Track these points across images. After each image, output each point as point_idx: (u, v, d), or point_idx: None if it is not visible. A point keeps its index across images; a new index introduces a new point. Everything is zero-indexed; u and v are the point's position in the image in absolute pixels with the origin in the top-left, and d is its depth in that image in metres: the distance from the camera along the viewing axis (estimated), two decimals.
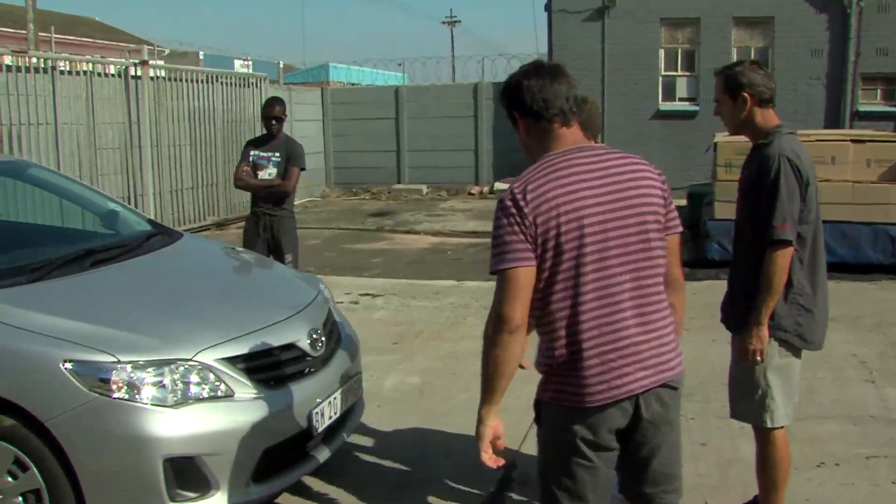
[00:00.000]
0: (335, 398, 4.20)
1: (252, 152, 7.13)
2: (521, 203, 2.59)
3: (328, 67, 33.27)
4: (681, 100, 17.93)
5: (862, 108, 16.63)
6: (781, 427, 3.81)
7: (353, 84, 27.42)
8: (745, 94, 3.73)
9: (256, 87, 16.77)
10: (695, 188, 13.64)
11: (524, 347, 2.73)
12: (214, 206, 15.36)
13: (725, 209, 9.87)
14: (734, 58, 17.37)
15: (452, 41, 57.55)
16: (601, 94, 18.00)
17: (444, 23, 56.20)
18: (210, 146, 15.21)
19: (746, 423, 3.93)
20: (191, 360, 3.63)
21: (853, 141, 9.92)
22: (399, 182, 20.50)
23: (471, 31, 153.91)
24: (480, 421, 2.82)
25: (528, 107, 2.74)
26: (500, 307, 2.66)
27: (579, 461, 2.73)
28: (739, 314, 3.77)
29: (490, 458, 2.86)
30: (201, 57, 35.65)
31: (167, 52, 34.46)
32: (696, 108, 17.57)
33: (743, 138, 3.88)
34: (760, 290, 3.62)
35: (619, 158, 2.77)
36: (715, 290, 5.18)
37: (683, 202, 14.44)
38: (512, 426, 5.38)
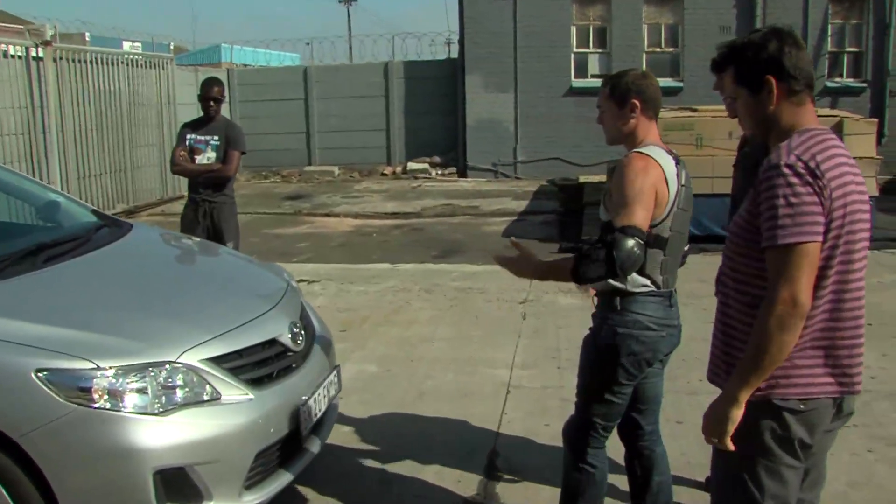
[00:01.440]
0: (319, 394, 3.95)
1: (189, 135, 6.76)
2: (818, 171, 2.32)
3: (221, 48, 32.42)
4: (593, 76, 17.94)
5: None
6: None
7: (246, 65, 26.69)
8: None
9: (162, 68, 16.14)
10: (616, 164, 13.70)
11: None
12: (124, 193, 14.74)
13: None
14: (645, 35, 17.60)
15: (349, 20, 56.82)
16: (513, 71, 17.97)
17: (340, 2, 55.43)
18: (117, 130, 14.56)
19: None
20: (175, 362, 3.33)
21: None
22: (310, 164, 20.11)
23: (368, 10, 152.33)
24: (737, 402, 2.42)
25: (787, 72, 2.45)
26: (795, 287, 2.31)
27: (792, 463, 2.50)
28: None
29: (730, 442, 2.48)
30: (88, 38, 34.23)
31: (50, 32, 32.89)
32: None
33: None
34: None
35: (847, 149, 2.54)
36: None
37: (604, 178, 14.55)
38: (488, 410, 5.30)
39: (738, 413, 2.42)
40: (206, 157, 6.71)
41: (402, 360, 6.33)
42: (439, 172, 19.17)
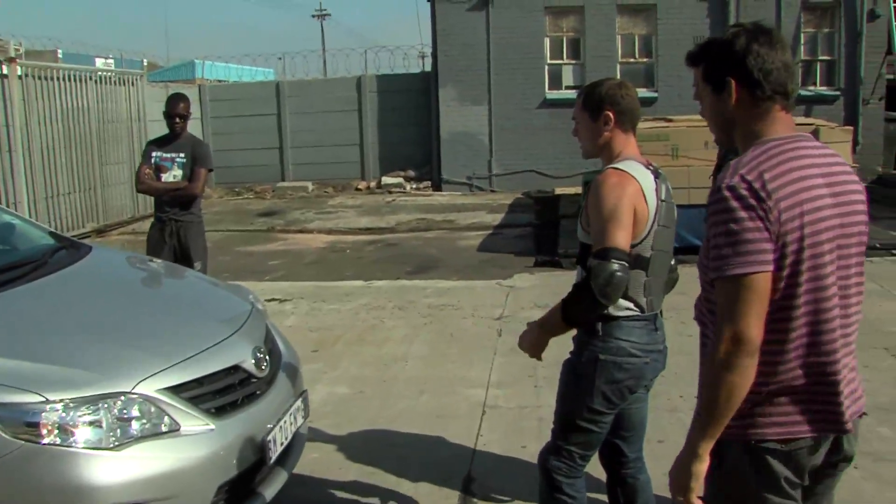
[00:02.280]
0: (285, 421, 3.79)
1: (154, 153, 6.59)
2: (762, 193, 2.11)
3: (194, 64, 32.18)
4: (567, 88, 17.90)
5: None
6: None
7: (220, 81, 26.49)
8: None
9: (132, 84, 15.94)
10: (591, 175, 13.59)
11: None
12: (93, 212, 14.50)
13: None
14: (619, 45, 17.56)
15: (323, 35, 56.52)
16: (487, 84, 17.89)
17: (313, 16, 55.28)
18: (86, 148, 14.32)
19: None
20: (130, 392, 3.16)
21: None
22: (283, 180, 19.91)
23: (342, 24, 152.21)
24: (697, 457, 2.21)
25: (750, 74, 2.24)
26: (737, 322, 2.12)
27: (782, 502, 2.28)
28: None
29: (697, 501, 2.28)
30: (60, 55, 33.94)
31: (22, 49, 32.56)
32: None
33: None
34: None
35: (835, 155, 2.31)
36: None
37: (579, 190, 14.47)
38: (463, 431, 5.15)
39: (700, 468, 2.21)
40: (173, 175, 6.54)
41: (376, 381, 6.16)
42: (414, 186, 19.03)
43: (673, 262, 3.42)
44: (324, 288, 9.36)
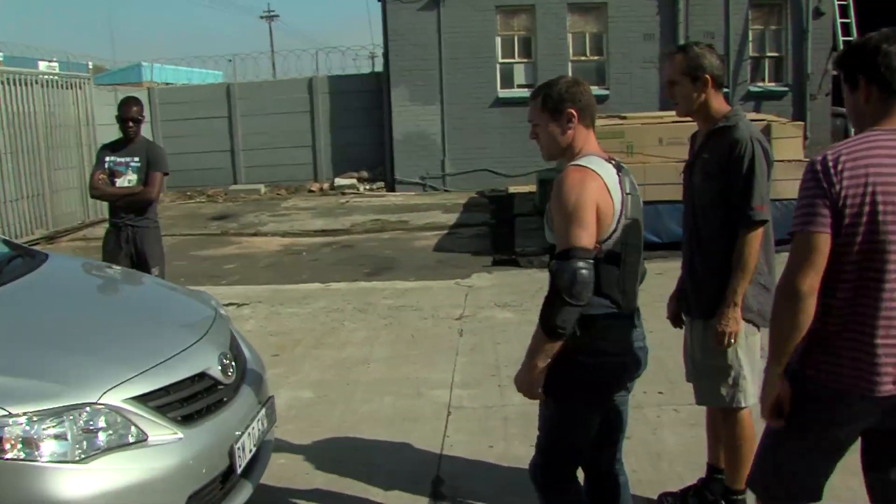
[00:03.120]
0: (253, 428, 3.74)
1: (108, 158, 6.47)
2: (832, 169, 2.52)
3: (141, 67, 31.73)
4: (519, 86, 17.95)
5: None
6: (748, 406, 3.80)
7: (167, 84, 26.18)
8: (706, 76, 3.64)
9: (79, 88, 15.66)
10: (547, 174, 13.65)
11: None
12: (42, 219, 14.22)
13: None
14: (570, 44, 17.65)
15: (271, 36, 56.22)
16: (439, 83, 17.87)
17: (262, 17, 54.88)
18: (34, 153, 14.05)
19: (718, 406, 3.86)
20: (96, 403, 3.09)
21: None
22: (236, 182, 19.73)
23: (291, 26, 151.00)
24: (769, 381, 2.71)
25: (881, 74, 2.59)
26: (791, 274, 2.56)
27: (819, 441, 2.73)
28: (707, 298, 3.71)
29: (774, 419, 2.74)
30: (0, 58, 33.26)
31: None
32: None
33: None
34: (735, 272, 3.57)
35: None
36: None
37: (534, 188, 14.53)
38: (429, 433, 5.13)
39: (773, 388, 2.68)
40: (127, 180, 6.43)
41: (338, 385, 6.12)
42: (367, 187, 18.96)
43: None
44: (281, 291, 9.28)
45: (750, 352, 3.76)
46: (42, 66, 26.31)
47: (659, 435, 5.01)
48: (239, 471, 3.57)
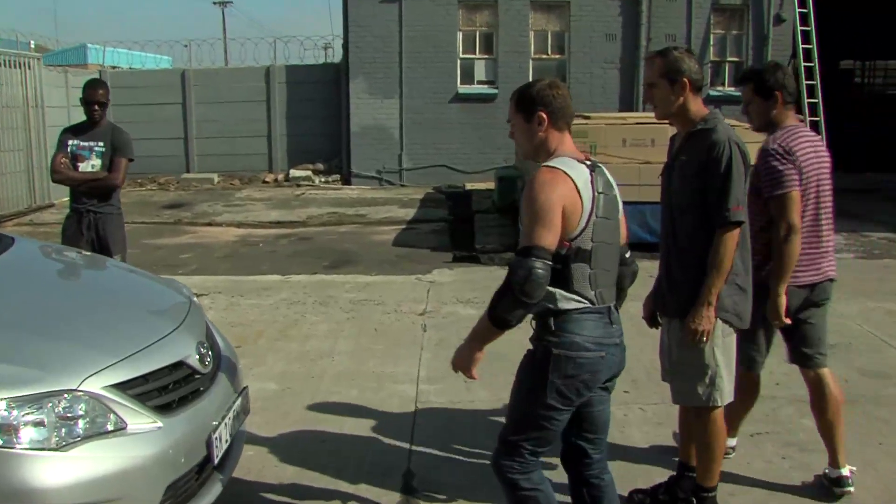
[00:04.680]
0: (229, 418, 3.70)
1: (70, 141, 6.33)
2: (786, 151, 4.05)
3: (87, 49, 31.13)
4: (479, 83, 17.99)
5: None
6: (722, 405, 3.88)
7: (114, 67, 25.68)
8: (685, 80, 3.71)
9: (28, 68, 15.27)
10: (506, 171, 13.71)
11: None
12: None
13: None
14: (532, 41, 17.70)
15: (224, 23, 55.53)
16: (399, 77, 17.81)
17: (215, 3, 54.17)
18: None
19: (695, 405, 3.90)
20: (76, 390, 3.02)
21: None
22: (188, 171, 19.44)
23: (244, 13, 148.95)
24: (778, 296, 4.04)
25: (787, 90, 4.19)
26: (791, 218, 3.99)
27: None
28: (683, 298, 3.76)
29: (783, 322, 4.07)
30: None
31: None
32: (496, 90, 17.66)
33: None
34: (710, 271, 3.64)
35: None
36: None
37: (492, 185, 14.55)
38: (396, 427, 5.11)
39: (781, 301, 4.03)
40: (91, 165, 6.30)
41: (303, 377, 6.08)
42: (323, 180, 18.81)
43: (629, 255, 3.49)
44: (240, 282, 9.18)
45: (727, 351, 3.82)
46: None
47: (626, 433, 5.06)
48: (216, 461, 3.53)
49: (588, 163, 3.23)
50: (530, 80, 7.28)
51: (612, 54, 17.48)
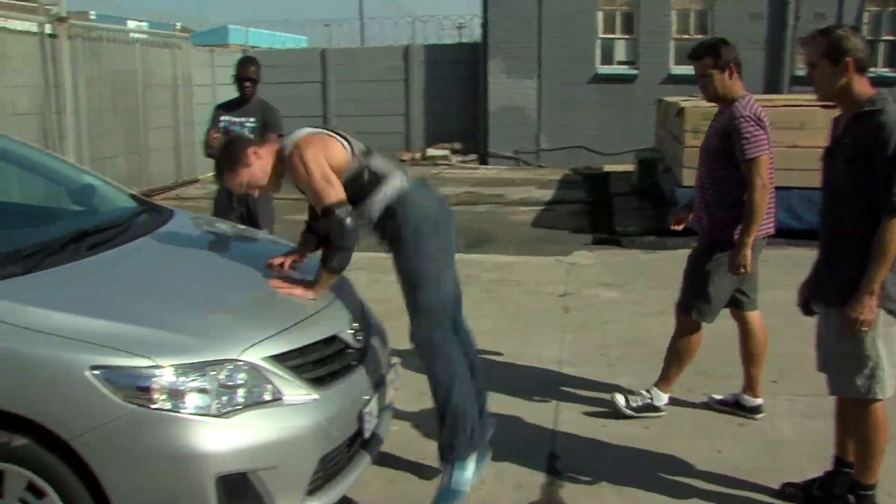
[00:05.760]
0: (380, 393, 3.73)
1: (223, 117, 6.52)
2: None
3: (228, 30, 32.04)
4: (619, 63, 17.66)
5: (800, 73, 16.12)
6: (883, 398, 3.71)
7: (253, 47, 26.33)
8: (848, 60, 3.53)
9: (177, 48, 15.84)
10: (645, 154, 13.41)
11: None
12: (139, 176, 14.43)
13: (692, 176, 9.61)
14: (674, 21, 17.22)
15: (361, 3, 56.22)
16: (537, 57, 17.65)
17: None
18: (132, 111, 14.29)
19: (853, 397, 3.73)
20: (237, 360, 3.09)
21: (822, 106, 9.74)
22: None
23: None
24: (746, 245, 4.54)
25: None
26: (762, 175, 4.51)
27: None
28: (843, 286, 3.60)
29: None
30: (93, 17, 33.87)
31: (53, 10, 32.31)
32: (636, 71, 17.33)
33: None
34: (874, 259, 3.47)
35: None
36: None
37: (631, 168, 14.27)
38: (538, 409, 5.05)
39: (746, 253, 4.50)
40: None
41: None
42: (459, 159, 18.87)
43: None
44: (381, 259, 9.17)
45: (889, 342, 3.63)
46: (131, 24, 26.73)
47: (774, 423, 4.89)
48: (367, 435, 3.57)
49: None
50: (671, 60, 6.74)
51: (757, 34, 16.72)
